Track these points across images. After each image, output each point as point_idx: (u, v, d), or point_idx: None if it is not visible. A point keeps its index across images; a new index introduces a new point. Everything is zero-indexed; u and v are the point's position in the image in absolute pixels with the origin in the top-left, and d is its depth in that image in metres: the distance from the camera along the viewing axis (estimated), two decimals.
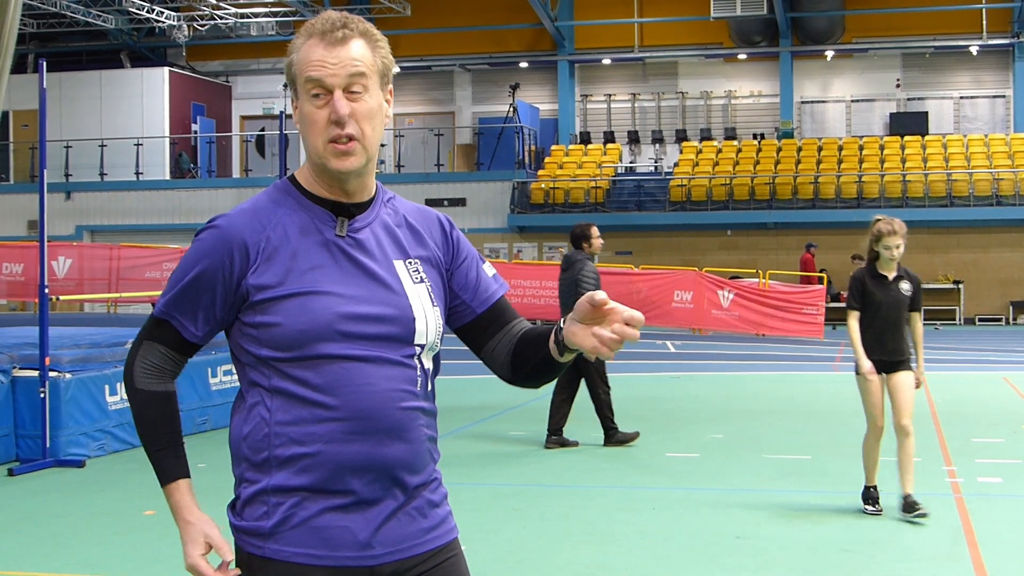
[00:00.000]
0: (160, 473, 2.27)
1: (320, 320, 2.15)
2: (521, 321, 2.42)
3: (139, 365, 2.27)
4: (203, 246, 2.23)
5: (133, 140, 30.38)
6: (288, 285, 2.18)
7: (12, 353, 8.99)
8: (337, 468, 2.16)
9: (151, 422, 2.26)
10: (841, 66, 30.88)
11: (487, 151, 29.77)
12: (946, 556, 6.02)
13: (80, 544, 6.42)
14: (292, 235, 2.22)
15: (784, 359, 17.88)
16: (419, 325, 2.23)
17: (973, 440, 9.78)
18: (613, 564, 5.90)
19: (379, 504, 2.19)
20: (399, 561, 2.21)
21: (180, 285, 2.23)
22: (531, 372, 2.34)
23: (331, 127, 2.19)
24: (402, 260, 2.27)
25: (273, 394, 2.19)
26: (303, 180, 2.29)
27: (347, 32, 2.20)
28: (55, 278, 22.52)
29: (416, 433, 2.22)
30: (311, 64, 2.19)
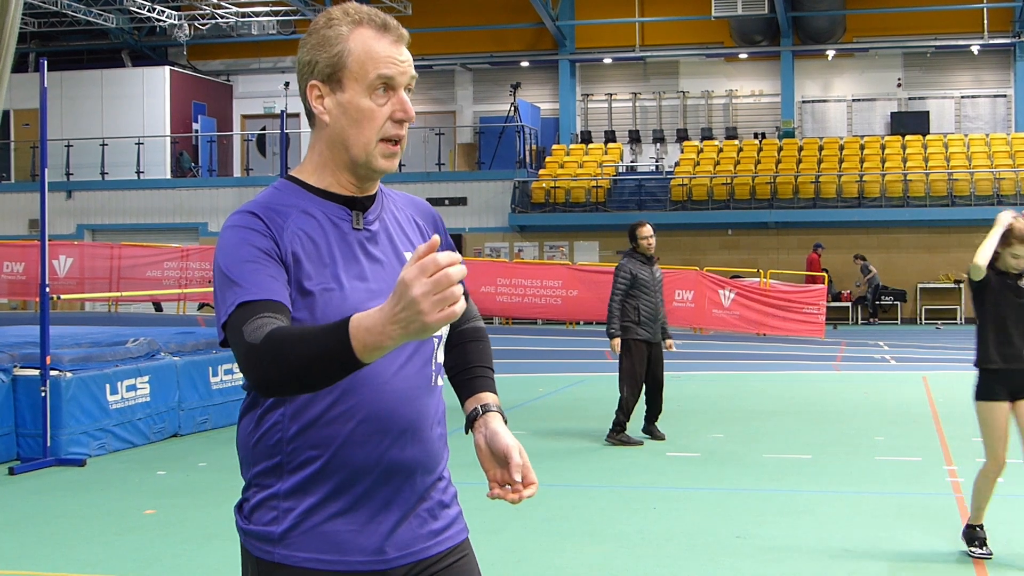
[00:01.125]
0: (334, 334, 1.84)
1: (343, 315, 1.97)
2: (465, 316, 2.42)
3: (247, 341, 1.94)
4: (241, 229, 2.09)
5: (134, 139, 30.38)
6: (311, 281, 2.11)
7: (13, 352, 9.00)
8: (352, 472, 2.11)
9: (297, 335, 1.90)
10: (842, 65, 30.87)
11: (488, 150, 29.77)
12: (946, 556, 6.02)
13: (81, 543, 6.43)
14: (311, 230, 2.15)
15: (785, 359, 17.88)
16: None
17: (974, 440, 9.74)
18: (614, 564, 5.90)
19: (391, 507, 2.15)
20: (411, 564, 2.18)
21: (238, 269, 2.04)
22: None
23: (391, 125, 2.17)
24: (409, 252, 2.24)
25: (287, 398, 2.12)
26: (308, 177, 2.22)
27: (403, 32, 2.20)
28: (56, 277, 22.54)
29: (430, 432, 2.20)
30: (383, 60, 2.14)
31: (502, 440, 2.21)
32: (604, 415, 11.06)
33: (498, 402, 2.33)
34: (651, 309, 9.65)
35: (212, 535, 6.45)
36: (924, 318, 26.42)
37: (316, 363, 1.85)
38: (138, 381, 9.54)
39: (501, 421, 2.28)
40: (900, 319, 26.55)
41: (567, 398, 12.91)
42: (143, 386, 9.60)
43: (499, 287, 23.10)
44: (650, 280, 9.66)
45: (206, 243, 27.57)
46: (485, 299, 23.37)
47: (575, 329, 23.12)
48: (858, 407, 12.02)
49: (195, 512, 7.03)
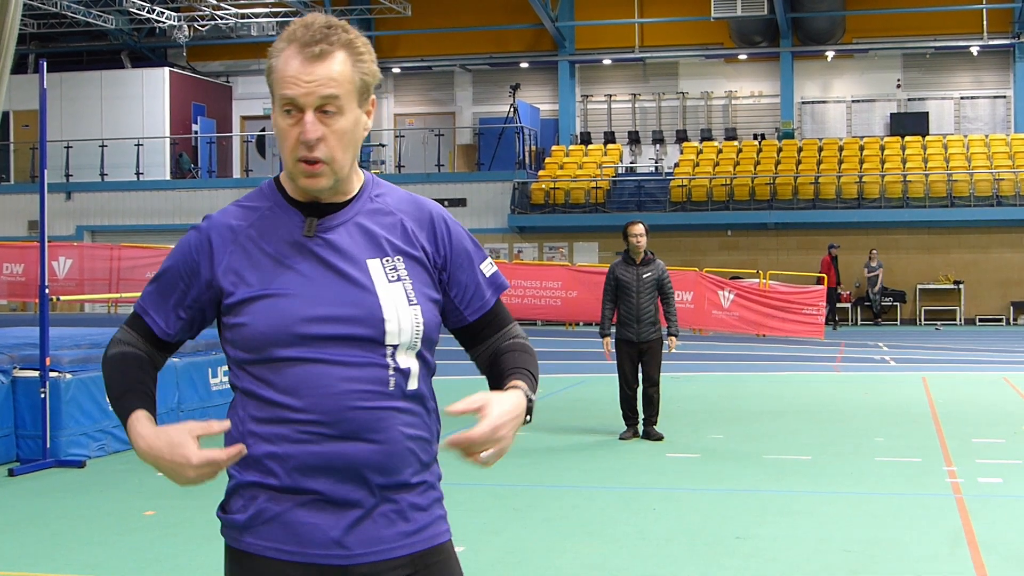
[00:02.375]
0: (123, 413, 2.23)
1: (283, 322, 2.15)
2: (507, 333, 2.39)
3: (112, 344, 2.35)
4: (180, 246, 2.29)
5: (133, 140, 30.38)
6: (255, 287, 2.19)
7: (12, 353, 8.99)
8: (305, 468, 2.15)
9: (115, 375, 2.29)
10: (841, 66, 30.88)
11: (488, 151, 29.77)
12: (946, 557, 6.02)
13: (81, 545, 6.42)
14: (263, 236, 2.22)
15: (784, 359, 17.88)
16: (390, 326, 2.17)
17: (973, 440, 9.78)
18: (614, 564, 5.90)
19: (350, 504, 2.16)
20: (374, 563, 2.17)
21: (156, 281, 2.32)
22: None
23: (301, 147, 2.16)
24: (378, 259, 2.22)
25: (246, 396, 2.21)
26: (284, 180, 2.29)
27: (325, 47, 2.13)
28: (55, 278, 22.54)
29: (390, 433, 2.16)
30: (286, 80, 2.14)
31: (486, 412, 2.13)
32: (604, 416, 11.07)
33: (527, 387, 2.26)
34: (630, 310, 9.78)
35: (212, 536, 6.44)
36: (923, 319, 26.43)
37: (112, 392, 2.29)
38: None
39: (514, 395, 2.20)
40: (899, 320, 26.56)
41: (567, 399, 12.91)
42: None
43: None
44: (632, 281, 9.80)
45: None
46: None
47: (574, 330, 23.12)
48: (858, 408, 12.02)
49: (195, 513, 7.02)
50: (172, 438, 2.13)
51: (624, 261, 9.93)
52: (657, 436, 9.92)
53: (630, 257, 9.90)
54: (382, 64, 33.03)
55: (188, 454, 2.11)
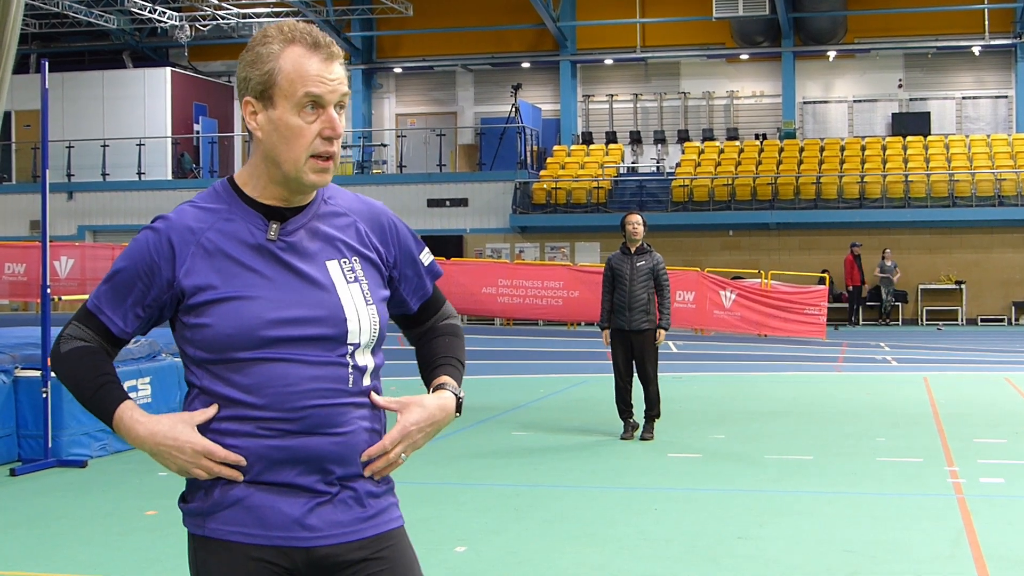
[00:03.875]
0: (105, 405, 2.25)
1: (248, 324, 2.21)
2: (441, 314, 2.53)
3: (63, 340, 2.33)
4: (136, 246, 2.29)
5: (135, 140, 30.39)
6: (219, 289, 2.23)
7: (14, 353, 9.00)
8: (267, 461, 2.22)
9: (81, 370, 2.27)
10: (843, 66, 30.86)
11: (489, 151, 29.77)
12: (948, 557, 6.01)
13: (82, 544, 6.43)
14: (225, 239, 2.26)
15: (786, 359, 17.88)
16: (351, 325, 2.27)
17: (975, 441, 9.77)
18: (614, 565, 5.90)
19: (311, 491, 2.24)
20: (333, 546, 2.25)
21: (110, 280, 2.31)
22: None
23: (320, 142, 2.23)
24: (336, 260, 2.30)
25: (205, 394, 2.26)
26: (242, 183, 2.32)
27: (335, 49, 2.24)
28: (57, 278, 22.52)
29: (349, 427, 2.25)
30: (312, 79, 2.20)
31: (401, 418, 2.30)
32: (604, 416, 11.06)
33: (455, 384, 2.41)
34: (623, 297, 9.87)
35: None
36: (925, 319, 26.41)
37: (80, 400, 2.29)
38: (139, 382, 9.54)
39: (437, 396, 2.36)
40: (901, 320, 26.55)
41: (568, 399, 12.91)
42: (144, 387, 9.61)
43: (500, 288, 23.11)
44: (626, 270, 9.88)
45: None
46: (486, 300, 23.38)
47: (576, 330, 23.11)
48: (859, 408, 12.01)
49: None
50: (174, 424, 2.21)
51: (621, 252, 10.04)
52: (646, 437, 9.91)
53: (626, 248, 10.00)
54: (384, 64, 33.15)
55: (192, 439, 2.20)
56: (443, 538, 6.35)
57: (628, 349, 9.94)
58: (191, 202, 2.32)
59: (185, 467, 2.22)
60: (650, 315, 9.89)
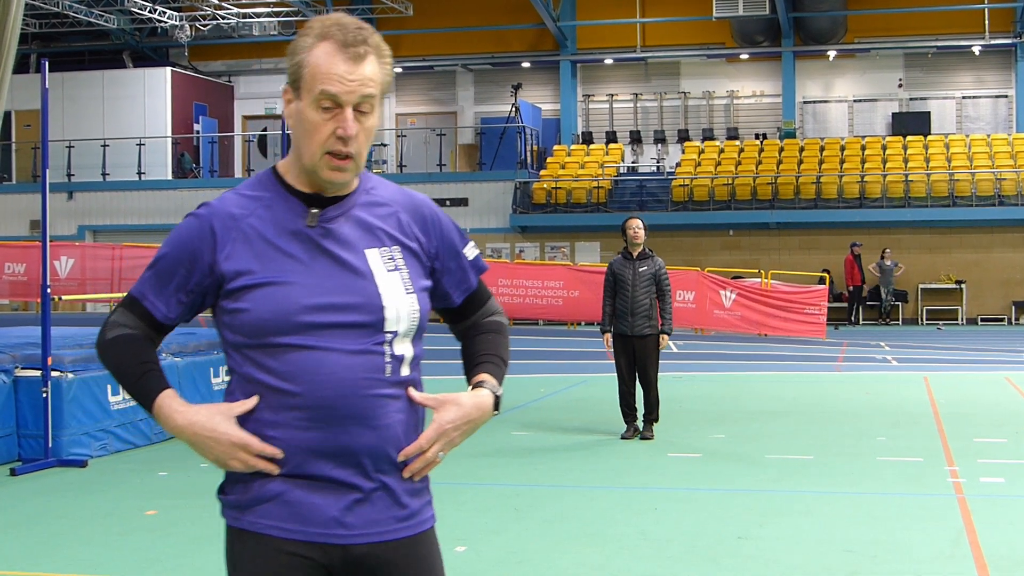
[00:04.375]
0: (147, 393, 2.27)
1: (284, 309, 2.22)
2: (486, 309, 2.53)
3: (108, 327, 2.35)
4: (179, 232, 2.32)
5: (135, 140, 30.39)
6: (257, 274, 2.25)
7: (14, 353, 9.00)
8: (304, 452, 2.22)
9: (124, 357, 2.31)
10: (843, 66, 30.86)
11: (489, 151, 29.76)
12: (948, 557, 6.01)
13: (82, 544, 6.43)
14: (265, 225, 2.28)
15: (786, 359, 17.88)
16: (389, 313, 2.26)
17: (975, 440, 9.77)
18: (615, 565, 5.90)
19: (348, 485, 2.24)
20: (371, 544, 2.26)
21: (154, 267, 2.34)
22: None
23: (334, 141, 2.24)
24: (376, 248, 2.31)
25: (245, 381, 2.27)
26: (284, 171, 2.35)
27: (366, 48, 2.24)
28: (57, 278, 22.52)
29: (386, 420, 2.25)
30: (330, 78, 2.21)
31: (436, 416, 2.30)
32: (605, 416, 11.07)
33: (494, 382, 2.41)
34: (625, 303, 9.87)
35: (214, 536, 6.44)
36: (925, 319, 26.42)
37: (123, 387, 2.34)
38: None
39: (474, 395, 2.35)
40: (901, 320, 26.55)
41: (568, 399, 12.91)
42: None
43: (500, 288, 23.10)
44: (628, 275, 9.89)
45: None
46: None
47: (576, 330, 23.11)
48: (860, 408, 12.01)
49: (197, 513, 7.03)
50: (212, 415, 2.23)
51: (622, 256, 10.05)
52: (646, 436, 9.93)
53: (628, 252, 10.01)
54: None
55: (230, 431, 2.22)
56: (443, 538, 6.30)
57: (631, 354, 9.95)
58: (235, 190, 2.35)
59: (222, 458, 2.23)
60: (652, 320, 9.91)
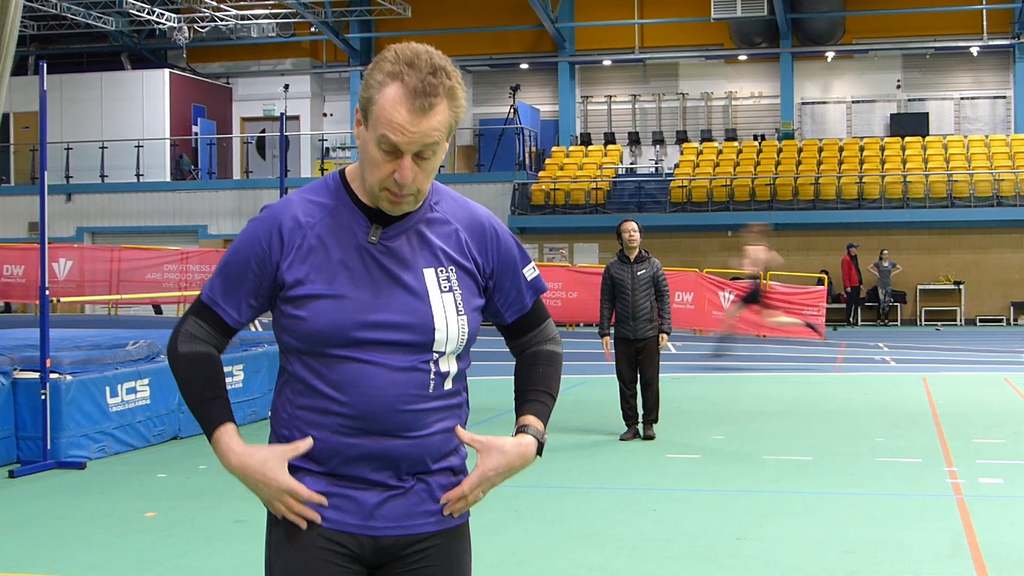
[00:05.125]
0: (209, 422, 2.33)
1: (340, 323, 2.26)
2: (540, 333, 2.56)
3: (182, 336, 2.38)
4: (248, 236, 2.35)
5: (134, 142, 30.38)
6: (317, 284, 2.29)
7: (13, 355, 8.99)
8: (344, 456, 2.30)
9: (195, 378, 2.35)
10: (841, 67, 30.88)
11: (488, 152, 29.77)
12: (947, 557, 6.01)
13: (81, 546, 6.42)
14: (329, 236, 2.31)
15: (785, 360, 17.88)
16: (439, 335, 2.31)
17: (974, 441, 9.77)
18: (614, 566, 5.90)
19: (384, 486, 2.31)
20: (400, 537, 2.33)
21: (223, 272, 2.38)
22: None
23: (392, 181, 2.25)
24: (433, 268, 2.34)
25: (295, 380, 2.33)
26: (351, 178, 2.37)
27: (436, 100, 2.21)
28: (56, 280, 22.53)
29: (425, 431, 2.32)
30: (392, 126, 2.20)
31: (480, 461, 2.36)
32: (604, 416, 11.07)
33: (539, 425, 2.47)
34: (626, 308, 9.90)
35: (213, 537, 6.45)
36: (924, 319, 26.42)
37: (187, 404, 2.38)
38: (138, 384, 9.54)
39: (518, 443, 2.41)
40: (900, 320, 26.56)
41: (567, 399, 12.90)
42: (143, 389, 9.60)
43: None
44: (627, 279, 9.91)
45: (206, 246, 27.57)
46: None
47: (575, 331, 23.11)
48: (858, 408, 12.01)
49: (196, 514, 7.02)
50: (266, 459, 2.28)
51: (619, 260, 10.05)
52: (649, 436, 9.96)
53: (625, 256, 10.02)
54: None
55: (279, 477, 2.27)
56: None
57: (632, 357, 9.98)
58: (302, 193, 2.36)
59: (269, 500, 2.30)
60: (653, 323, 9.98)
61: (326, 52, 33.48)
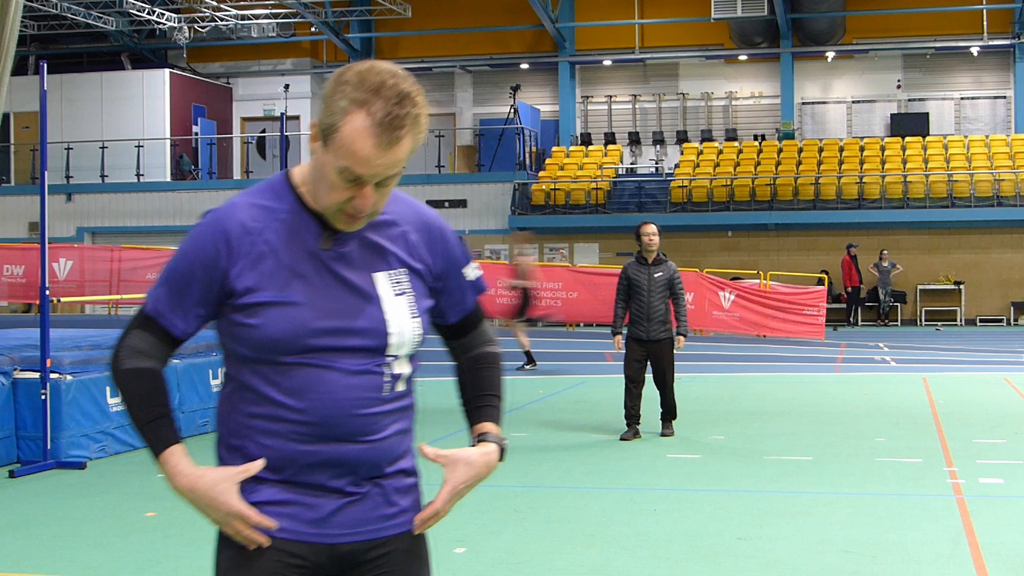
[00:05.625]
0: (156, 442, 2.27)
1: (294, 331, 2.23)
2: (479, 335, 2.55)
3: (124, 350, 2.32)
4: (194, 243, 2.28)
5: (134, 142, 30.39)
6: (269, 292, 2.25)
7: (13, 355, 8.99)
8: (301, 464, 2.27)
9: (140, 396, 2.29)
10: (842, 67, 30.88)
11: (488, 152, 29.77)
12: (947, 557, 6.01)
13: (81, 546, 6.42)
14: (280, 243, 2.26)
15: (785, 360, 17.88)
16: (394, 339, 2.30)
17: (974, 441, 9.77)
18: (614, 566, 5.90)
19: (338, 493, 2.29)
20: (357, 543, 2.31)
21: (168, 281, 2.30)
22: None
23: (351, 205, 2.21)
24: (385, 272, 2.32)
25: (245, 389, 2.30)
26: (299, 182, 2.31)
27: (403, 132, 2.14)
28: (56, 280, 22.53)
29: (380, 434, 2.30)
30: (357, 159, 2.14)
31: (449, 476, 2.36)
32: (604, 417, 11.07)
33: (498, 431, 2.46)
34: (641, 309, 9.99)
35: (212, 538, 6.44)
36: (924, 319, 26.42)
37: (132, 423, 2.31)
38: None
39: (482, 452, 2.40)
40: (900, 320, 26.55)
41: (567, 400, 12.91)
42: None
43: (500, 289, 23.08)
44: (643, 281, 10.00)
45: None
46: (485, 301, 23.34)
47: (575, 331, 23.11)
48: (859, 409, 12.01)
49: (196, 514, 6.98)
50: (216, 482, 2.24)
51: (637, 261, 10.13)
52: (666, 433, 10.14)
53: (642, 257, 10.10)
54: None
55: (229, 501, 2.24)
56: (443, 539, 6.34)
57: (644, 358, 10.07)
58: (248, 197, 2.30)
59: (218, 522, 2.28)
60: (667, 324, 10.09)
61: (326, 52, 33.48)
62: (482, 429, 2.46)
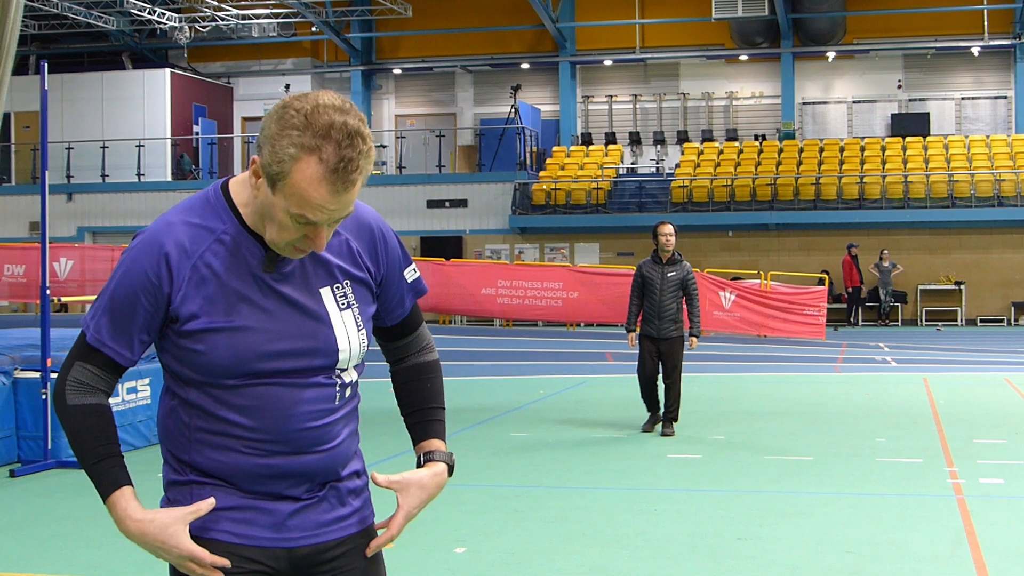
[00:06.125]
0: (105, 484, 2.21)
1: (242, 356, 2.19)
2: (417, 339, 2.52)
3: (69, 384, 2.25)
4: (132, 268, 2.20)
5: (135, 141, 30.40)
6: (214, 317, 2.19)
7: (14, 354, 8.99)
8: (255, 476, 2.26)
9: (87, 433, 2.23)
10: (842, 67, 30.87)
11: (488, 152, 29.77)
12: (948, 558, 6.01)
13: (82, 546, 6.43)
14: (220, 265, 2.20)
15: (785, 360, 17.88)
16: (343, 355, 2.30)
17: (975, 441, 9.77)
18: (614, 566, 5.90)
19: (293, 499, 2.29)
20: (314, 545, 2.31)
21: (110, 308, 2.22)
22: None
23: (303, 241, 2.16)
24: (329, 286, 2.29)
25: (190, 406, 2.26)
26: (239, 200, 2.23)
27: (357, 175, 2.07)
28: (57, 279, 22.54)
29: (336, 440, 2.31)
30: (311, 206, 2.08)
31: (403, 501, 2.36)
32: (605, 416, 11.07)
33: (444, 448, 2.47)
34: (653, 307, 10.20)
35: None
36: (925, 319, 26.42)
37: (79, 461, 2.25)
38: (138, 383, 9.54)
39: (433, 474, 2.41)
40: (901, 321, 26.55)
41: (568, 400, 12.91)
42: (143, 388, 9.60)
43: (499, 289, 23.12)
44: (657, 280, 10.20)
45: None
46: (486, 301, 23.38)
47: (576, 331, 23.11)
48: (859, 409, 12.01)
49: None
50: (166, 525, 2.19)
51: (652, 260, 10.33)
52: (667, 433, 10.13)
53: (658, 256, 10.29)
54: (383, 65, 33.15)
55: (180, 544, 2.18)
56: (443, 539, 6.35)
57: (656, 355, 10.25)
58: (181, 215, 2.22)
59: (172, 564, 2.23)
60: (678, 323, 10.28)
61: (327, 52, 33.49)
62: (429, 447, 2.45)
